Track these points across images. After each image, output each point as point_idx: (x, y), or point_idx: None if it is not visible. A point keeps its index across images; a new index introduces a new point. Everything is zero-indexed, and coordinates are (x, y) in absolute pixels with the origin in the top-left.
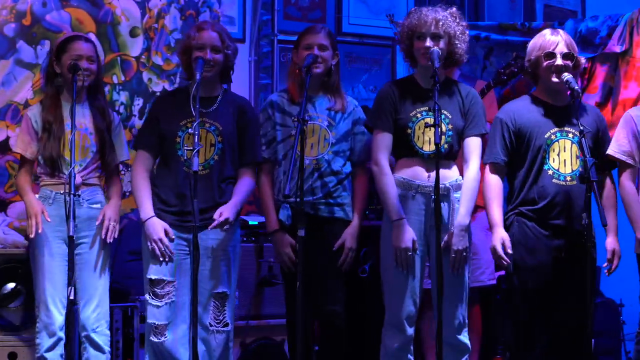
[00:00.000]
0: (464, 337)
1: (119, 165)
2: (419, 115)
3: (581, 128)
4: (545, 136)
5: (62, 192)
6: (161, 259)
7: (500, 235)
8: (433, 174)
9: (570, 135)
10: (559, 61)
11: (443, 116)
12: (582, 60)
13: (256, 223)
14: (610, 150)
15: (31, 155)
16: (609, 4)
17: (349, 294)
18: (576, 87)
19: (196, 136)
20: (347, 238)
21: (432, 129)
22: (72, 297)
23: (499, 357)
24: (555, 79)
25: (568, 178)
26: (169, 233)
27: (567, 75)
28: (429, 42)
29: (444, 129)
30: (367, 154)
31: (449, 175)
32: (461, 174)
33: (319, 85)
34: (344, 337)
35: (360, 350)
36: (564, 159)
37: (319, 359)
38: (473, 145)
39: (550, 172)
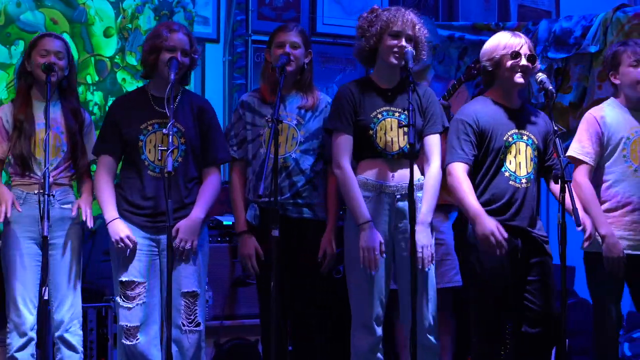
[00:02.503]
0: (434, 338)
1: (90, 164)
2: (379, 116)
3: (555, 128)
4: (504, 138)
5: (35, 192)
6: (127, 252)
7: (494, 222)
8: (397, 173)
9: (525, 137)
10: (524, 61)
11: (403, 116)
12: (538, 65)
13: (230, 223)
14: (571, 151)
15: (1, 155)
16: (583, 4)
17: (327, 296)
18: (550, 88)
19: (170, 136)
20: (326, 246)
21: (393, 129)
22: (46, 298)
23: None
24: (519, 80)
25: (524, 180)
26: (131, 235)
27: (541, 76)
28: (404, 42)
29: (405, 129)
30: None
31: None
32: (421, 172)
33: (292, 83)
34: (318, 336)
35: (341, 351)
36: (519, 161)
37: (293, 359)
38: (433, 143)
39: (507, 174)
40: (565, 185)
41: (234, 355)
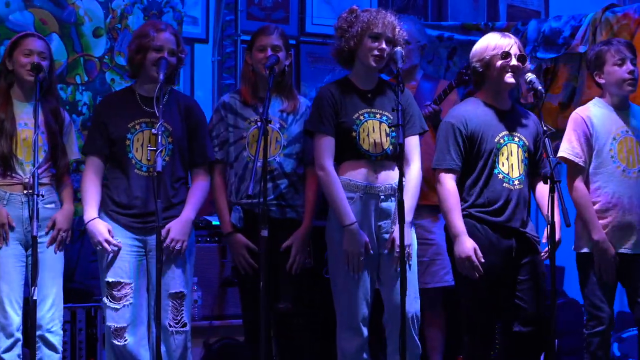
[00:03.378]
0: (416, 333)
1: (69, 164)
2: (362, 117)
3: (544, 128)
4: (495, 140)
5: (17, 192)
6: (111, 254)
7: (473, 245)
8: (380, 175)
9: (516, 139)
10: (514, 61)
11: (385, 118)
12: (528, 65)
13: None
14: (562, 152)
15: None
16: (573, 4)
17: (317, 295)
18: (539, 88)
19: (159, 136)
20: (294, 241)
21: (376, 131)
22: (35, 297)
23: (462, 357)
24: (510, 80)
25: (516, 182)
26: (111, 232)
27: (530, 76)
28: (385, 45)
29: (387, 130)
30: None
31: (394, 175)
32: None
33: (272, 86)
34: (305, 335)
35: (328, 350)
36: (511, 163)
37: (280, 357)
38: (413, 145)
39: (500, 176)
40: (555, 185)
41: (223, 355)
